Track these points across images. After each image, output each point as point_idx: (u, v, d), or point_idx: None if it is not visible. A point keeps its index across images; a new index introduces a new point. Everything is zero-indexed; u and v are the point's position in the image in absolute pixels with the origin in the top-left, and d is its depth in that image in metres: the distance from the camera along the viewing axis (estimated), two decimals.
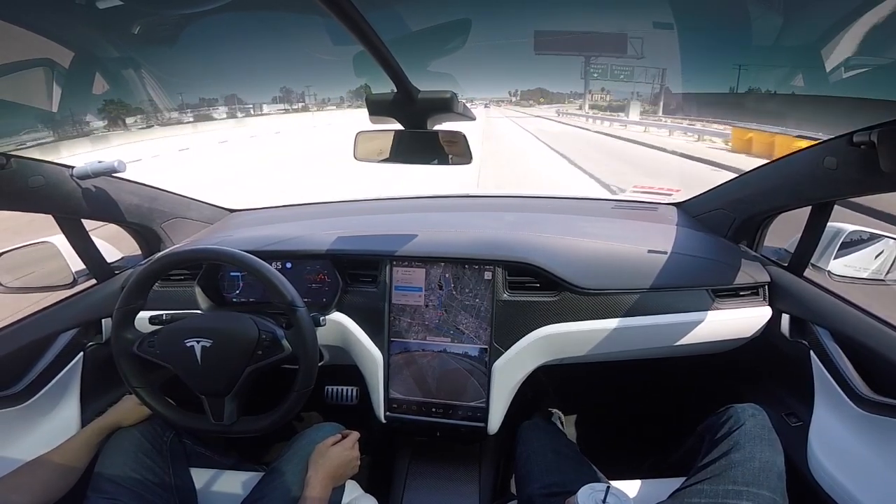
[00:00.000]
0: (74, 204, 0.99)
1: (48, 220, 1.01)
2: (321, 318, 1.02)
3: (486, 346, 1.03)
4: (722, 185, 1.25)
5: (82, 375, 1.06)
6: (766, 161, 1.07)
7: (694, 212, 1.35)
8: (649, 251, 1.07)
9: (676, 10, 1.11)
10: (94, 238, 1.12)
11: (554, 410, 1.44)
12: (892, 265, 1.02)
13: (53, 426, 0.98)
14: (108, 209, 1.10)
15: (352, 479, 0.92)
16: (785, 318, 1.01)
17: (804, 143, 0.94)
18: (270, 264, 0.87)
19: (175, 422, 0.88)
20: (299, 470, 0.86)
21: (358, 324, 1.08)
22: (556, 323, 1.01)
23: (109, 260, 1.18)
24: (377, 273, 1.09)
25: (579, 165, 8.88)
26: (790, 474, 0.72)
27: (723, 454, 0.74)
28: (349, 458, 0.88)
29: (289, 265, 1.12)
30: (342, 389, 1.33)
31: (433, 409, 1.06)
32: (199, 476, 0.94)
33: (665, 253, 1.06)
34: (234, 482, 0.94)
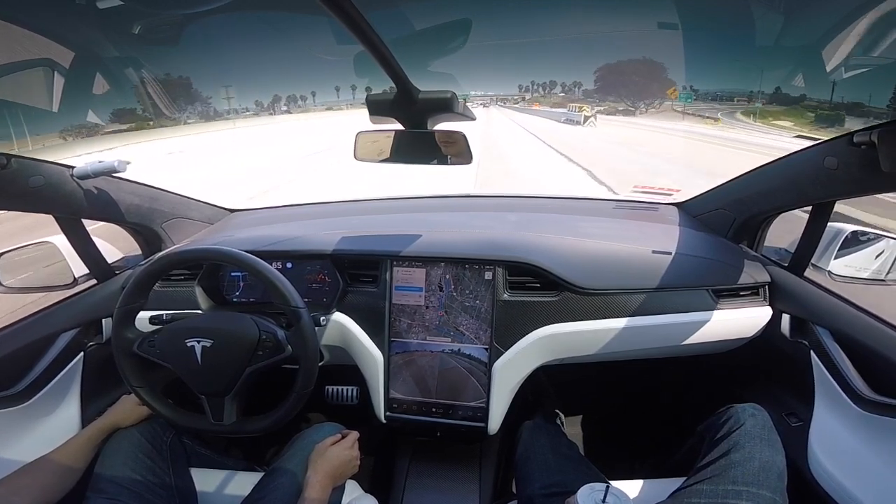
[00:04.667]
0: (75, 204, 1.00)
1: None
2: (321, 319, 1.02)
3: (486, 347, 1.03)
4: (722, 185, 1.25)
5: (83, 375, 1.06)
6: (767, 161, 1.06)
7: (694, 212, 1.35)
8: (650, 251, 1.07)
9: (681, 10, 1.11)
10: (94, 238, 1.12)
11: (555, 411, 1.44)
12: (892, 265, 1.02)
13: (54, 426, 0.98)
14: (108, 209, 1.10)
15: (352, 478, 0.92)
16: (785, 318, 1.00)
17: None
18: (271, 264, 0.87)
19: (175, 421, 0.88)
20: (299, 470, 0.86)
21: (358, 324, 1.08)
22: (556, 323, 1.01)
23: (110, 260, 1.18)
24: (377, 273, 1.09)
25: None
26: (790, 474, 0.72)
27: (723, 454, 0.74)
28: (349, 457, 0.88)
29: (289, 265, 1.12)
30: (342, 389, 1.34)
31: (433, 409, 1.06)
32: (200, 476, 0.94)
33: (665, 253, 1.06)
34: (235, 482, 0.94)
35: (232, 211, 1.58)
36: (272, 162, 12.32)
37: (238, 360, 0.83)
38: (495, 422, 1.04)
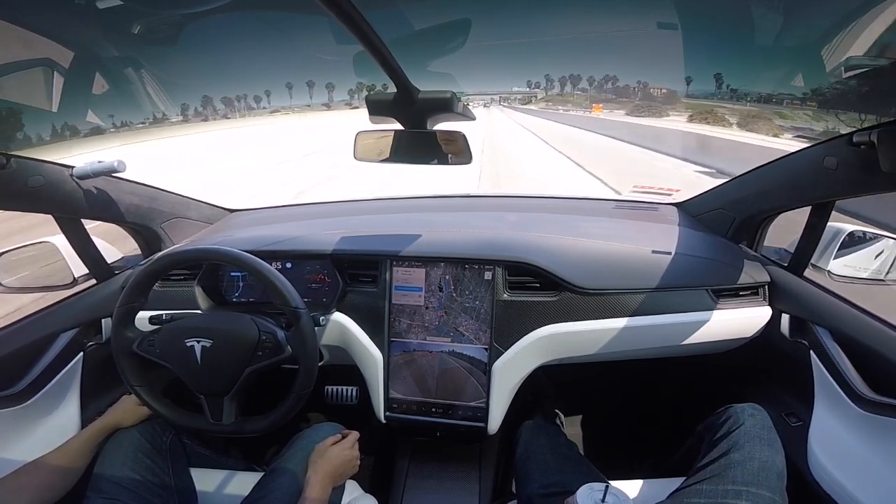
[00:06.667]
0: (74, 204, 0.99)
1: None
2: (321, 319, 1.02)
3: (486, 347, 1.03)
4: (722, 184, 1.25)
5: (82, 375, 1.06)
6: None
7: (694, 212, 1.35)
8: (650, 251, 1.07)
9: (681, 10, 1.11)
10: (93, 238, 1.12)
11: (555, 411, 1.44)
12: (891, 265, 1.02)
13: (54, 426, 0.98)
14: (107, 209, 1.10)
15: (352, 478, 0.92)
16: (785, 318, 1.00)
17: None
18: (270, 264, 0.87)
19: (174, 421, 0.88)
20: (299, 470, 0.86)
21: (358, 324, 1.08)
22: (555, 323, 1.01)
23: (109, 260, 1.18)
24: (377, 273, 1.09)
25: None
26: (790, 474, 0.72)
27: (722, 454, 0.74)
28: (349, 457, 0.88)
29: (289, 265, 1.12)
30: (342, 389, 1.34)
31: (433, 409, 1.06)
32: (199, 476, 0.94)
33: (665, 253, 1.06)
34: (234, 482, 0.94)
35: (231, 211, 1.58)
36: None
37: (237, 360, 0.83)
38: (495, 422, 1.04)
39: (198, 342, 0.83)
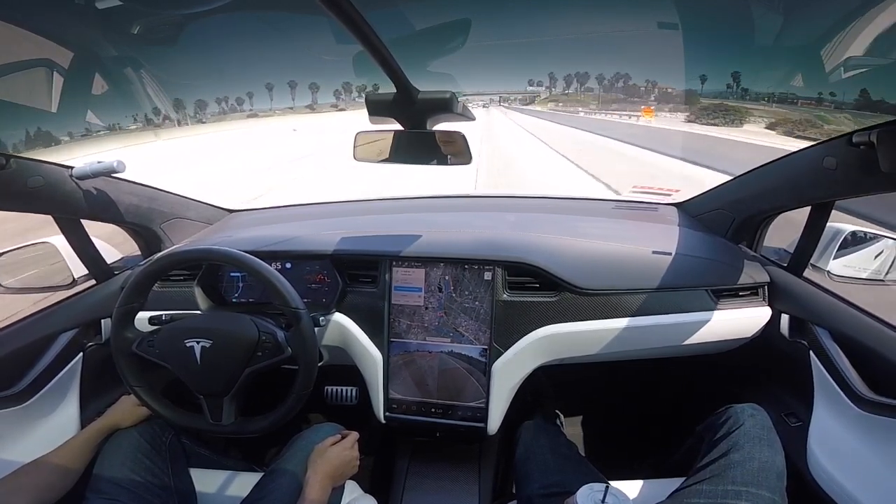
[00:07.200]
0: (74, 204, 0.99)
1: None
2: (321, 319, 1.02)
3: (485, 347, 1.03)
4: (722, 185, 1.25)
5: (82, 376, 1.06)
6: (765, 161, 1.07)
7: (694, 212, 1.35)
8: (649, 251, 1.07)
9: (682, 10, 1.11)
10: (93, 239, 1.12)
11: (555, 411, 1.44)
12: (891, 265, 1.02)
13: (53, 426, 0.98)
14: (107, 209, 1.10)
15: (351, 479, 0.92)
16: (784, 319, 1.01)
17: None
18: (270, 264, 0.87)
19: (173, 422, 0.88)
20: (299, 470, 0.86)
21: (358, 324, 1.08)
22: (555, 323, 1.01)
23: (109, 260, 1.18)
24: (377, 273, 1.09)
25: None
26: (790, 474, 0.72)
27: (722, 454, 0.74)
28: (348, 458, 0.88)
29: (288, 265, 1.12)
30: (342, 390, 1.34)
31: (433, 410, 1.06)
32: (199, 476, 0.94)
33: (665, 253, 1.06)
34: (234, 483, 0.94)
35: (231, 211, 1.58)
36: None
37: (237, 360, 0.83)
38: (495, 422, 1.04)
39: (197, 342, 0.83)
